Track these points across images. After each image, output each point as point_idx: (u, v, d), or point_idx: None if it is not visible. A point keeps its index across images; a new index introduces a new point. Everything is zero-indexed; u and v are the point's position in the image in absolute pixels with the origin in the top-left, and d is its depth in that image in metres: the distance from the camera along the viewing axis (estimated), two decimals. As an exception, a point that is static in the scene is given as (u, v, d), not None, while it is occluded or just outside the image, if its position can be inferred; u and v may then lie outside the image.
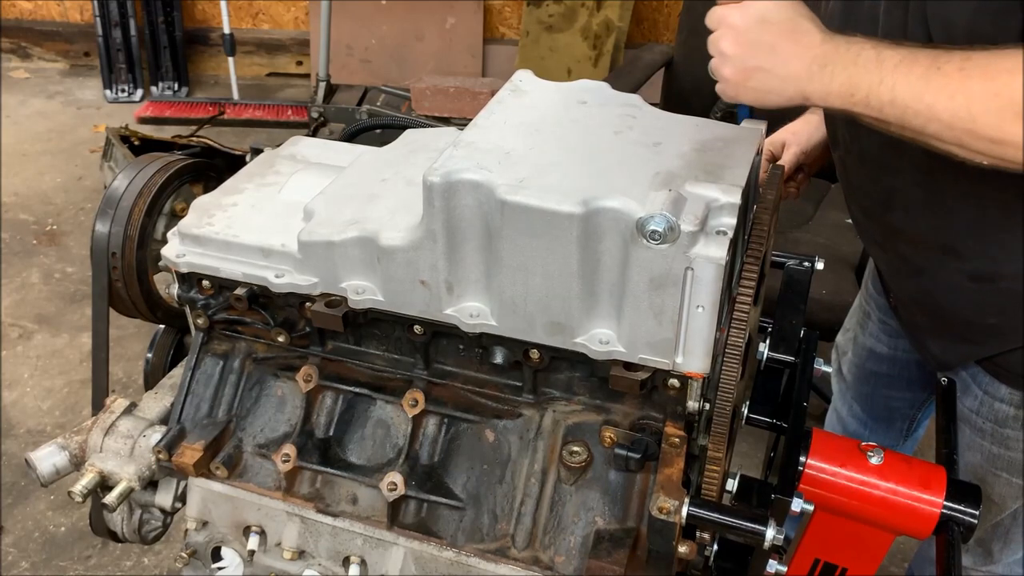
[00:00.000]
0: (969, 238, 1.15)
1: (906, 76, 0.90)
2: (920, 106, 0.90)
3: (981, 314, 1.22)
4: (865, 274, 1.67)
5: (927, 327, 1.34)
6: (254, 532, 1.21)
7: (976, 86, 0.87)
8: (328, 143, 1.42)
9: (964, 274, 1.18)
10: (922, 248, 1.22)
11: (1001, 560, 1.45)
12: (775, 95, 0.99)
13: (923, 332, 1.36)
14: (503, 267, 0.98)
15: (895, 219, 1.23)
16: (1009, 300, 1.16)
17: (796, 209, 2.65)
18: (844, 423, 1.76)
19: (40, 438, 2.59)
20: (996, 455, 1.33)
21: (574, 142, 1.04)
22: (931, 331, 1.33)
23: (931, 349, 1.35)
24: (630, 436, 1.07)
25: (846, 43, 0.94)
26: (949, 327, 1.28)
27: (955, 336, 1.29)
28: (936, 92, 0.89)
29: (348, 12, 4.48)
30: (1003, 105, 0.86)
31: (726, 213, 0.94)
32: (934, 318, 1.31)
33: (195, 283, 1.18)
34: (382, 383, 1.18)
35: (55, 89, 4.83)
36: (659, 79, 3.07)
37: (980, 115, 0.87)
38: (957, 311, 1.24)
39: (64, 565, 2.27)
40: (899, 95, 0.90)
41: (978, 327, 1.24)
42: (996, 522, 1.39)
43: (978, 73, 0.87)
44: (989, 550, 1.45)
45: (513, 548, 1.09)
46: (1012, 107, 0.85)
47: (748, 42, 0.98)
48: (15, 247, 3.50)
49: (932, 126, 0.91)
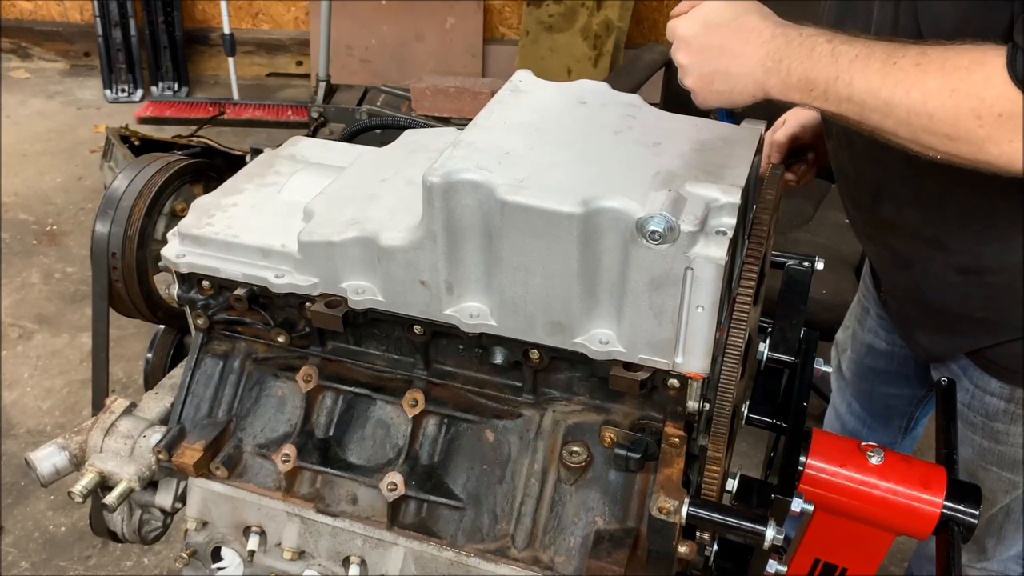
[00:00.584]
0: (955, 231, 1.15)
1: (863, 71, 0.90)
2: (877, 101, 0.89)
3: (969, 307, 1.22)
4: (863, 269, 1.67)
5: (916, 319, 1.35)
6: (254, 532, 1.21)
7: (932, 82, 0.87)
8: (328, 143, 1.42)
9: (951, 267, 1.19)
10: (911, 241, 1.22)
11: (996, 556, 1.45)
12: (739, 94, 0.99)
13: (912, 324, 1.37)
14: (503, 267, 0.98)
15: (884, 212, 1.23)
16: (996, 293, 1.17)
17: (796, 209, 2.65)
18: (843, 420, 1.76)
19: (40, 438, 2.59)
20: (987, 449, 1.33)
21: (574, 142, 1.04)
22: (920, 323, 1.34)
23: (920, 341, 1.36)
24: (630, 436, 1.07)
25: (799, 36, 0.94)
26: (938, 320, 1.29)
27: (944, 328, 1.29)
28: (892, 87, 0.88)
29: (348, 12, 4.48)
30: (959, 102, 0.85)
31: (726, 213, 0.94)
32: (923, 311, 1.31)
33: (195, 283, 1.18)
34: (382, 383, 1.18)
35: (55, 89, 4.83)
36: (659, 79, 3.07)
37: (936, 111, 0.87)
38: (945, 304, 1.25)
39: (64, 565, 2.27)
40: (856, 90, 0.90)
41: (966, 320, 1.24)
42: (988, 517, 1.39)
43: (935, 68, 0.87)
44: (983, 546, 1.45)
45: (513, 548, 1.09)
46: (968, 103, 0.85)
47: (699, 48, 0.99)
48: (15, 247, 3.51)
49: (889, 121, 0.90)
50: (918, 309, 1.32)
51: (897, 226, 1.23)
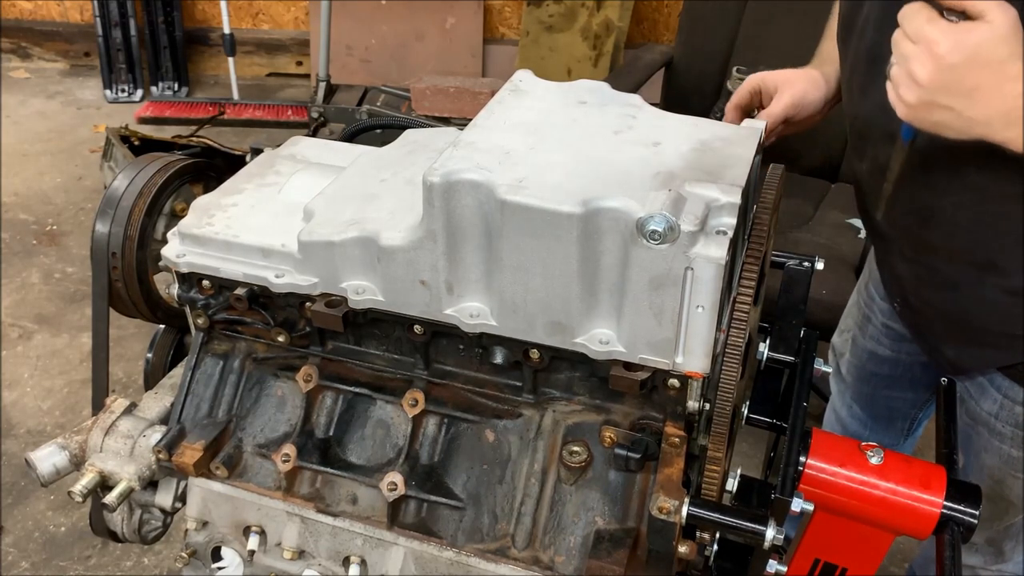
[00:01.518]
0: (1012, 255, 1.11)
1: None
2: None
3: (1010, 325, 1.19)
4: (862, 277, 1.66)
5: (943, 333, 1.31)
6: (254, 532, 1.21)
7: None
8: (328, 143, 1.42)
9: (1002, 289, 1.16)
10: (959, 263, 1.19)
11: (1013, 559, 1.45)
12: (954, 132, 0.92)
13: (937, 338, 1.33)
14: (503, 267, 0.98)
15: (933, 236, 1.19)
16: None
17: (796, 209, 2.65)
18: (844, 423, 1.75)
19: (40, 438, 2.59)
20: (1015, 458, 1.32)
21: (574, 142, 1.04)
22: (948, 337, 1.31)
23: (946, 354, 1.33)
24: (630, 436, 1.07)
25: None
26: (971, 335, 1.26)
27: (976, 343, 1.27)
28: None
29: (348, 12, 4.48)
30: None
31: (726, 213, 0.94)
32: (956, 327, 1.28)
33: (195, 283, 1.19)
34: (382, 383, 1.18)
35: (55, 89, 4.83)
36: (659, 79, 3.07)
37: None
38: (986, 323, 1.22)
39: (64, 565, 2.27)
40: None
41: (1004, 337, 1.22)
42: (1010, 523, 1.39)
43: None
44: (1001, 550, 1.45)
45: (513, 548, 1.09)
46: None
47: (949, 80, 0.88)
48: (15, 247, 3.51)
49: None
50: (950, 325, 1.29)
51: (946, 249, 1.19)
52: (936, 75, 0.88)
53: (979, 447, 1.36)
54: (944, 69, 0.88)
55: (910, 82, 0.91)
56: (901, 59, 0.92)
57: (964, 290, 1.21)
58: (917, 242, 1.24)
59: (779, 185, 1.11)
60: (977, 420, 1.34)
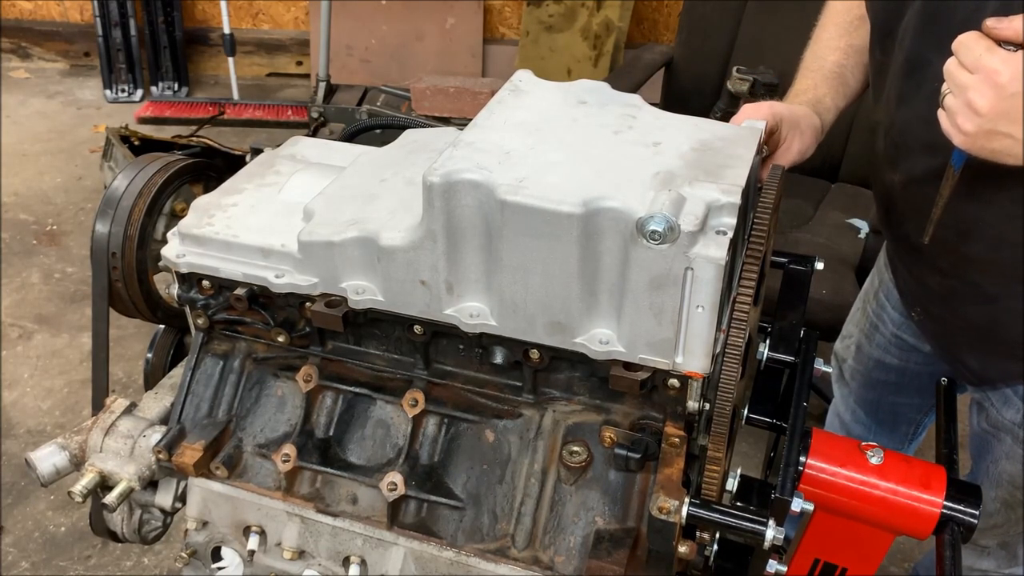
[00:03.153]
0: None
1: None
2: None
3: None
4: (867, 285, 1.64)
5: (969, 344, 1.30)
6: (254, 532, 1.21)
7: None
8: (328, 143, 1.42)
9: None
10: (999, 277, 1.18)
11: None
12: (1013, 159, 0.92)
13: (961, 348, 1.32)
14: (503, 267, 0.98)
15: (973, 250, 1.18)
16: None
17: (796, 209, 2.65)
18: (847, 427, 1.74)
19: (40, 438, 2.59)
20: None
21: (574, 142, 1.04)
22: (974, 348, 1.30)
23: (969, 364, 1.32)
24: (630, 436, 1.07)
25: None
26: (999, 346, 1.25)
27: (1004, 354, 1.26)
28: None
29: (348, 12, 4.48)
30: None
31: (726, 213, 0.94)
32: (984, 338, 1.27)
33: (195, 283, 1.18)
34: (382, 383, 1.18)
35: (55, 89, 4.83)
36: (659, 79, 3.07)
37: None
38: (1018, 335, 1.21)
39: (64, 565, 2.27)
40: None
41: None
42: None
43: None
44: (1014, 553, 1.45)
45: (513, 548, 1.09)
46: None
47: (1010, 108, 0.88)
48: (15, 247, 3.51)
49: None
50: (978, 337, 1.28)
51: (986, 263, 1.18)
52: (997, 103, 0.89)
53: (1000, 454, 1.36)
54: (1006, 98, 0.88)
55: (969, 111, 0.91)
56: (958, 88, 0.92)
57: (1002, 303, 1.19)
58: (955, 255, 1.22)
59: (779, 185, 1.11)
60: (1000, 428, 1.33)
